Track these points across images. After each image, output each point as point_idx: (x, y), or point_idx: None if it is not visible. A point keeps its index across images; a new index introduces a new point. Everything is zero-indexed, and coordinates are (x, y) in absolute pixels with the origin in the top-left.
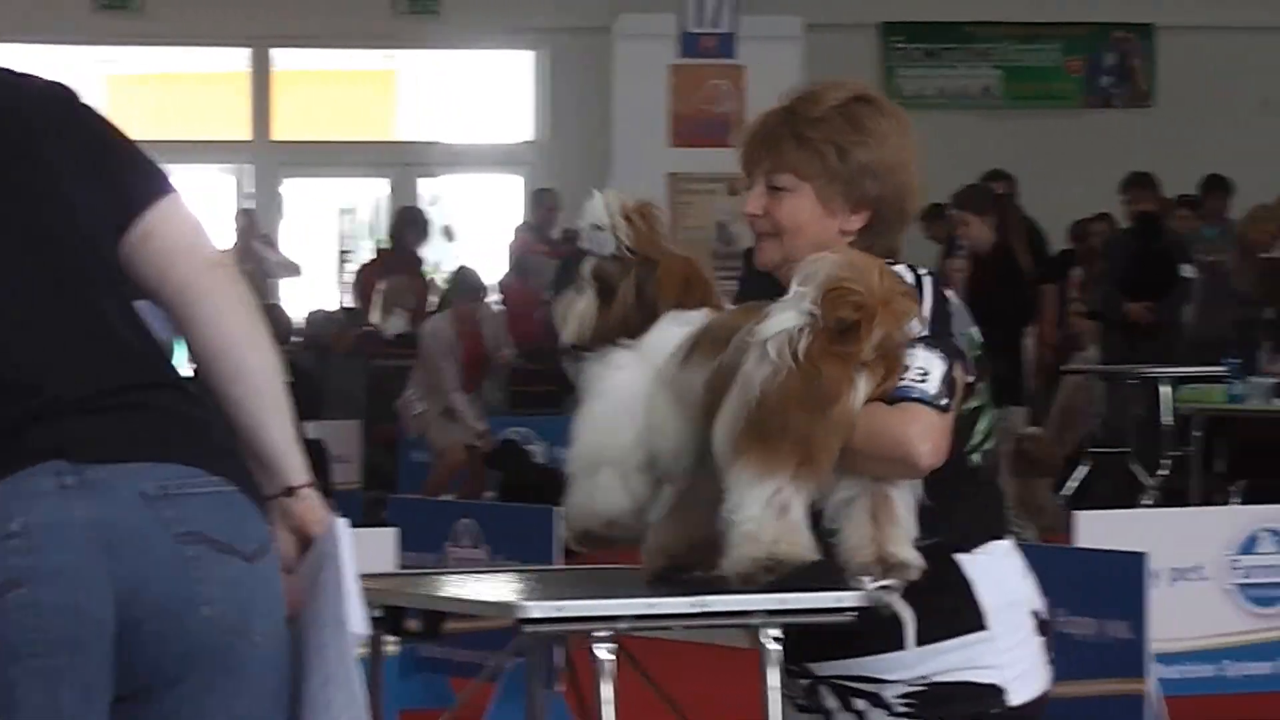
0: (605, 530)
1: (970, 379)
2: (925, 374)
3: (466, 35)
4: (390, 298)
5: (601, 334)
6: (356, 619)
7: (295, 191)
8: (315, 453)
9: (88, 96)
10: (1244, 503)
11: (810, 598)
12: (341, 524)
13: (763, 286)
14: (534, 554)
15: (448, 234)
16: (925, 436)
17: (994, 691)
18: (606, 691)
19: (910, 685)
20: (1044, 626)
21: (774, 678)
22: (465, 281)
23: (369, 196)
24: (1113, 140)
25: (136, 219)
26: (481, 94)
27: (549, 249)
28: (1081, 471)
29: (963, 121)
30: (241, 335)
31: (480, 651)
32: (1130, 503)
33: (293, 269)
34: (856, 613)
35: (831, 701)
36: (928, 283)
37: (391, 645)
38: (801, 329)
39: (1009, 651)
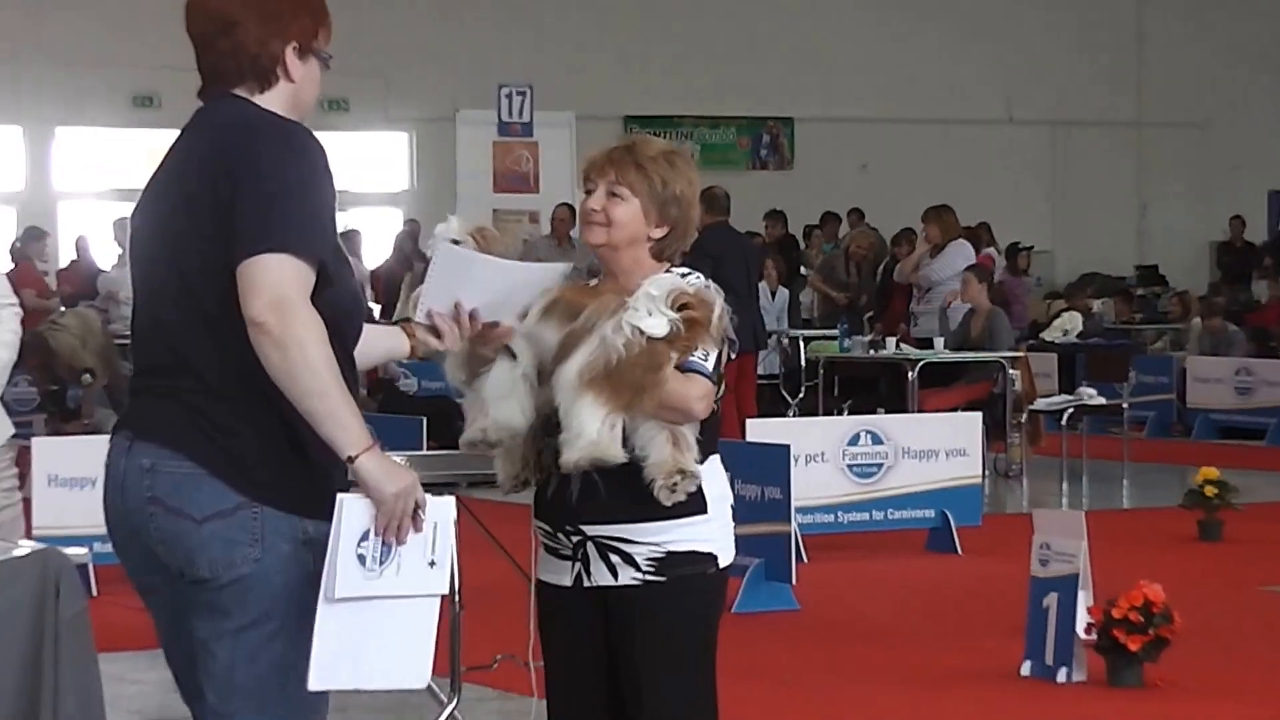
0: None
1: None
2: (706, 355)
3: (365, 122)
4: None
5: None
6: (339, 585)
7: None
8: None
9: (274, 142)
10: (850, 414)
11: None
12: (348, 499)
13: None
14: (409, 448)
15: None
16: (701, 397)
17: (711, 558)
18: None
19: (654, 549)
20: (735, 514)
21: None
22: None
23: None
24: (768, 191)
25: (235, 264)
26: (375, 159)
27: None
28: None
29: None
30: (283, 377)
31: None
32: (780, 414)
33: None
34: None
35: (594, 555)
36: (718, 294)
37: None
38: (663, 334)
39: (720, 530)
